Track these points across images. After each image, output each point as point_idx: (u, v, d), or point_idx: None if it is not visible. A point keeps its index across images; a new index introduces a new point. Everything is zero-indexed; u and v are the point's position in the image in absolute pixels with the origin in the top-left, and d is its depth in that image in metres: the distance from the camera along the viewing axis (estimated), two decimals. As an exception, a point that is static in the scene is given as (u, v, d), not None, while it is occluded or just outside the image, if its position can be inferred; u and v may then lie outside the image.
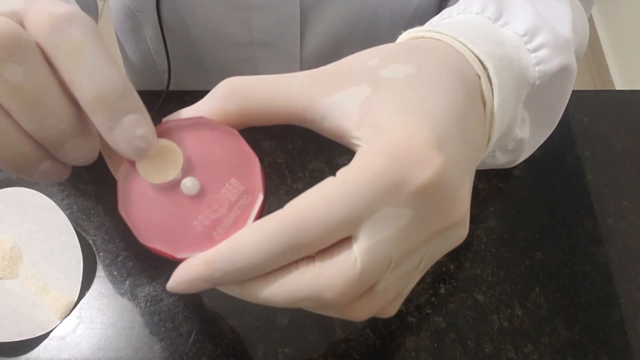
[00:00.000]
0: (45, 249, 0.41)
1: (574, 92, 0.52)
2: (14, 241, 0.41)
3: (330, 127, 0.22)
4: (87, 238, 0.43)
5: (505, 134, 0.29)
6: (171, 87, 0.49)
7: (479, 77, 0.25)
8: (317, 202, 0.20)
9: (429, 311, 0.40)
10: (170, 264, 0.41)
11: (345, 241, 0.20)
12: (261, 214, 0.22)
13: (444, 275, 0.42)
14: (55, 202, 0.42)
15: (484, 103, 0.25)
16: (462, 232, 0.23)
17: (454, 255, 0.43)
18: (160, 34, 0.48)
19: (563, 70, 0.29)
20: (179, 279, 0.21)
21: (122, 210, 0.22)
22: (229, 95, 0.23)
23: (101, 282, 0.41)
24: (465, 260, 0.42)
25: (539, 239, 0.44)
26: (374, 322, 0.40)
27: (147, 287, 0.41)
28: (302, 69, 0.52)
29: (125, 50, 0.59)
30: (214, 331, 0.39)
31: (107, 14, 1.62)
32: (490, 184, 0.46)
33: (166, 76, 0.50)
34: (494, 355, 0.39)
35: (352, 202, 0.19)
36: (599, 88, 1.61)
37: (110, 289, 0.41)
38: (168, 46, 0.49)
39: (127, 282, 0.41)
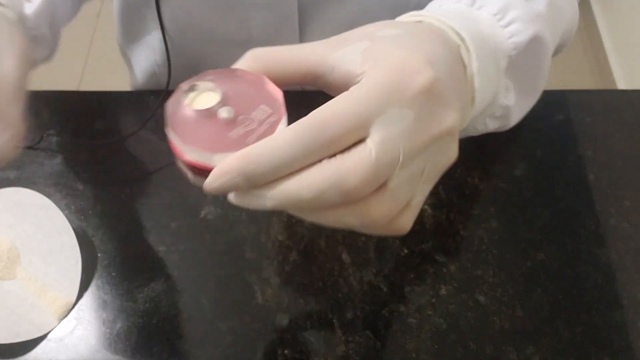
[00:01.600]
0: (43, 250, 0.40)
1: (576, 91, 0.52)
2: (11, 242, 0.41)
3: (339, 75, 0.27)
4: (86, 239, 0.42)
5: (492, 103, 0.33)
6: (171, 88, 0.49)
7: (459, 46, 0.29)
8: (335, 107, 0.24)
9: (429, 312, 0.40)
10: (167, 267, 0.41)
11: (359, 141, 0.24)
12: None
13: (445, 276, 0.41)
14: (53, 202, 0.42)
15: (465, 68, 0.29)
16: (454, 148, 0.27)
17: (455, 256, 0.42)
18: (161, 34, 0.48)
19: (535, 40, 0.33)
20: (216, 175, 0.24)
21: (168, 129, 0.26)
22: (255, 59, 0.28)
23: (99, 283, 0.41)
24: (466, 261, 0.42)
25: (540, 239, 0.43)
26: (374, 323, 0.39)
27: (146, 289, 0.40)
28: None
29: (126, 51, 0.59)
30: (214, 332, 0.39)
31: (106, 16, 1.62)
32: (492, 184, 0.46)
33: (165, 78, 0.50)
34: (495, 357, 0.38)
35: (365, 104, 0.24)
36: (601, 88, 1.61)
37: (109, 290, 0.40)
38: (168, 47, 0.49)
39: (126, 283, 0.41)
